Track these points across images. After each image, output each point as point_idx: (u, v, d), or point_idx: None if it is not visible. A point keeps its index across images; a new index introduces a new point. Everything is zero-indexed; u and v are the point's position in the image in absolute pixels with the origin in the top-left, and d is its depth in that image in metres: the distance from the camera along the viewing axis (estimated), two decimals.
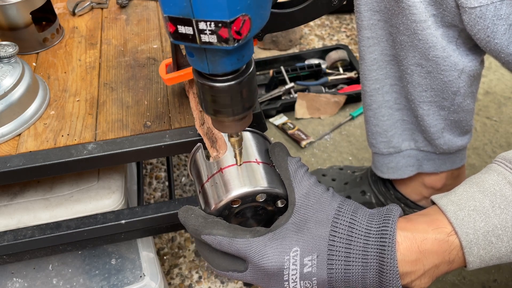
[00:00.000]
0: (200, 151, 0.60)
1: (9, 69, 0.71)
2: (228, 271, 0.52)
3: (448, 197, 0.52)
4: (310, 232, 0.50)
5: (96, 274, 0.80)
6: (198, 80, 0.45)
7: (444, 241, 0.49)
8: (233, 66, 0.43)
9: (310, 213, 0.52)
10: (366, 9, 0.76)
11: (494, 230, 0.48)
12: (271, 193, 0.54)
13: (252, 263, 0.50)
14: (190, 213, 0.54)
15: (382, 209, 0.52)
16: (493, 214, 0.49)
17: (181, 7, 0.37)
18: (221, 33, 0.38)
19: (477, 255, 0.49)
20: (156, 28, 0.92)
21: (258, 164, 0.55)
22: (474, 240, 0.48)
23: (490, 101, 1.36)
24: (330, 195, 0.53)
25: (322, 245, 0.50)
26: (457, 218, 0.49)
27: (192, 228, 0.52)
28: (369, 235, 0.49)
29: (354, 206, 0.52)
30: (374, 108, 0.86)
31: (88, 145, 0.69)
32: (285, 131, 1.29)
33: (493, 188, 0.50)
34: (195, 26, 0.38)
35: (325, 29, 1.65)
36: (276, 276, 0.50)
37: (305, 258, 0.50)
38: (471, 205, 0.50)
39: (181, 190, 1.17)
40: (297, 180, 0.53)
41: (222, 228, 0.51)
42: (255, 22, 0.39)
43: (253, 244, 0.50)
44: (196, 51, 0.42)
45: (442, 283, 0.97)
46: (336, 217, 0.51)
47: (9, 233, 0.74)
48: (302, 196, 0.52)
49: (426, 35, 0.70)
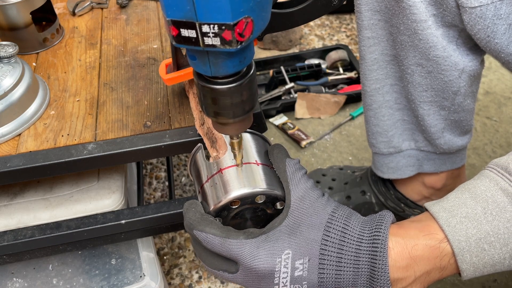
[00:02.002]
0: (200, 151, 0.60)
1: (9, 69, 0.71)
2: (219, 271, 0.52)
3: (440, 204, 0.52)
4: (303, 236, 0.50)
5: (96, 274, 0.80)
6: (199, 83, 0.45)
7: (435, 247, 0.49)
8: (235, 68, 0.43)
9: (304, 217, 0.52)
10: (366, 9, 0.76)
11: (486, 237, 0.48)
12: (270, 194, 0.54)
13: (243, 265, 0.50)
14: (191, 207, 0.54)
15: (375, 215, 0.52)
16: (485, 221, 0.48)
17: (184, 11, 0.38)
18: (225, 35, 0.38)
19: (470, 262, 0.49)
20: (156, 28, 0.92)
21: (257, 166, 0.55)
22: (467, 248, 0.48)
23: (490, 101, 1.36)
24: (325, 200, 0.53)
25: (314, 249, 0.50)
26: (449, 225, 0.49)
27: (188, 222, 0.53)
28: (362, 240, 0.50)
29: (348, 212, 0.52)
30: (374, 108, 0.86)
31: (88, 145, 0.69)
32: (285, 131, 1.29)
33: (485, 195, 0.49)
34: (199, 29, 0.38)
35: (325, 29, 1.65)
36: (267, 279, 0.50)
37: (297, 261, 0.50)
38: (463, 211, 0.49)
39: (181, 190, 1.17)
40: (294, 183, 0.53)
41: (215, 228, 0.51)
42: (257, 24, 0.40)
43: (246, 246, 0.50)
44: (198, 54, 0.42)
45: (442, 283, 0.96)
46: (329, 221, 0.51)
47: (9, 233, 0.74)
48: (298, 199, 0.52)
49: (426, 35, 0.70)
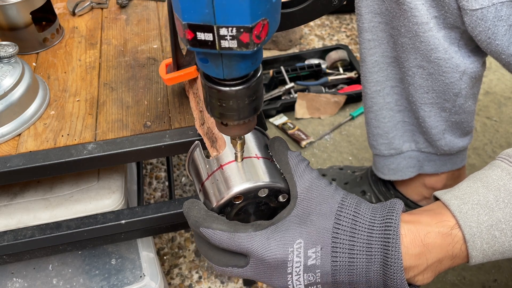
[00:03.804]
0: (197, 149, 0.59)
1: (9, 69, 0.71)
2: (228, 267, 0.52)
3: (452, 192, 0.52)
4: (314, 224, 0.50)
5: (96, 274, 0.80)
6: (206, 84, 0.45)
7: (448, 234, 0.49)
8: (247, 70, 0.43)
9: (313, 206, 0.51)
10: (367, 11, 0.76)
11: (497, 224, 0.48)
12: (273, 187, 0.53)
13: (254, 257, 0.50)
14: (194, 205, 0.53)
15: (385, 203, 0.52)
16: (497, 208, 0.48)
17: (202, 14, 0.37)
18: (242, 38, 0.38)
19: (480, 249, 0.49)
20: (156, 28, 0.92)
21: (258, 159, 0.55)
22: (478, 234, 0.48)
23: (490, 101, 1.36)
24: (333, 189, 0.53)
25: (326, 237, 0.50)
26: (461, 211, 0.49)
27: (193, 220, 0.52)
28: (373, 227, 0.49)
29: (357, 200, 0.52)
30: (375, 110, 0.86)
31: (88, 145, 0.69)
32: (285, 131, 1.29)
33: (497, 183, 0.50)
34: (216, 32, 0.38)
35: (325, 29, 1.65)
36: (280, 269, 0.50)
37: (309, 250, 0.49)
38: (475, 199, 0.49)
39: (181, 190, 1.17)
40: (299, 174, 0.53)
41: (222, 223, 0.51)
42: (271, 25, 0.40)
43: (256, 238, 0.50)
44: (212, 57, 0.42)
45: (442, 283, 0.96)
46: (339, 209, 0.51)
47: (9, 233, 0.74)
48: (305, 190, 0.52)
49: (428, 37, 0.70)
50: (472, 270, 0.98)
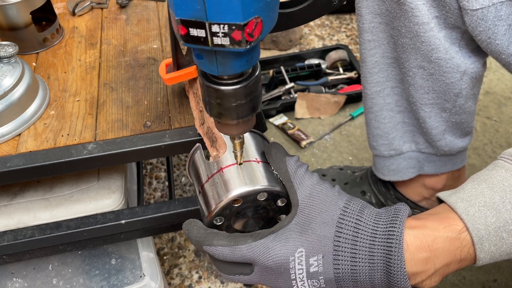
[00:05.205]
0: (198, 152, 0.59)
1: (9, 69, 0.71)
2: (235, 275, 0.53)
3: (457, 194, 0.51)
4: (315, 233, 0.50)
5: (96, 274, 0.80)
6: (204, 83, 0.45)
7: (456, 238, 0.49)
8: (242, 68, 0.43)
9: (314, 214, 0.51)
10: (367, 12, 0.76)
11: (505, 226, 0.48)
12: (272, 191, 0.54)
13: (258, 265, 0.51)
14: (192, 225, 0.54)
15: (390, 208, 0.51)
16: (504, 209, 0.48)
17: (194, 10, 0.37)
18: (234, 35, 0.38)
19: (488, 251, 0.49)
20: (156, 28, 0.92)
21: (258, 163, 0.55)
22: (486, 236, 0.48)
23: (490, 101, 1.36)
24: (336, 194, 0.52)
25: (327, 246, 0.50)
26: (468, 214, 0.49)
27: (195, 240, 0.53)
28: (375, 235, 0.49)
29: (361, 205, 0.51)
30: (375, 111, 0.86)
31: (88, 145, 0.69)
32: (285, 131, 1.29)
33: (502, 184, 0.49)
34: (208, 29, 0.38)
35: (325, 29, 1.65)
36: (283, 275, 0.50)
37: (311, 259, 0.49)
38: (481, 201, 0.49)
39: (181, 190, 1.16)
40: (299, 181, 0.53)
41: (222, 238, 0.52)
42: (266, 24, 0.40)
43: (256, 248, 0.50)
44: (206, 54, 0.42)
45: (442, 283, 0.96)
46: (341, 216, 0.50)
47: (9, 233, 0.74)
48: (306, 197, 0.52)
49: (428, 37, 0.70)
50: (472, 270, 0.98)
